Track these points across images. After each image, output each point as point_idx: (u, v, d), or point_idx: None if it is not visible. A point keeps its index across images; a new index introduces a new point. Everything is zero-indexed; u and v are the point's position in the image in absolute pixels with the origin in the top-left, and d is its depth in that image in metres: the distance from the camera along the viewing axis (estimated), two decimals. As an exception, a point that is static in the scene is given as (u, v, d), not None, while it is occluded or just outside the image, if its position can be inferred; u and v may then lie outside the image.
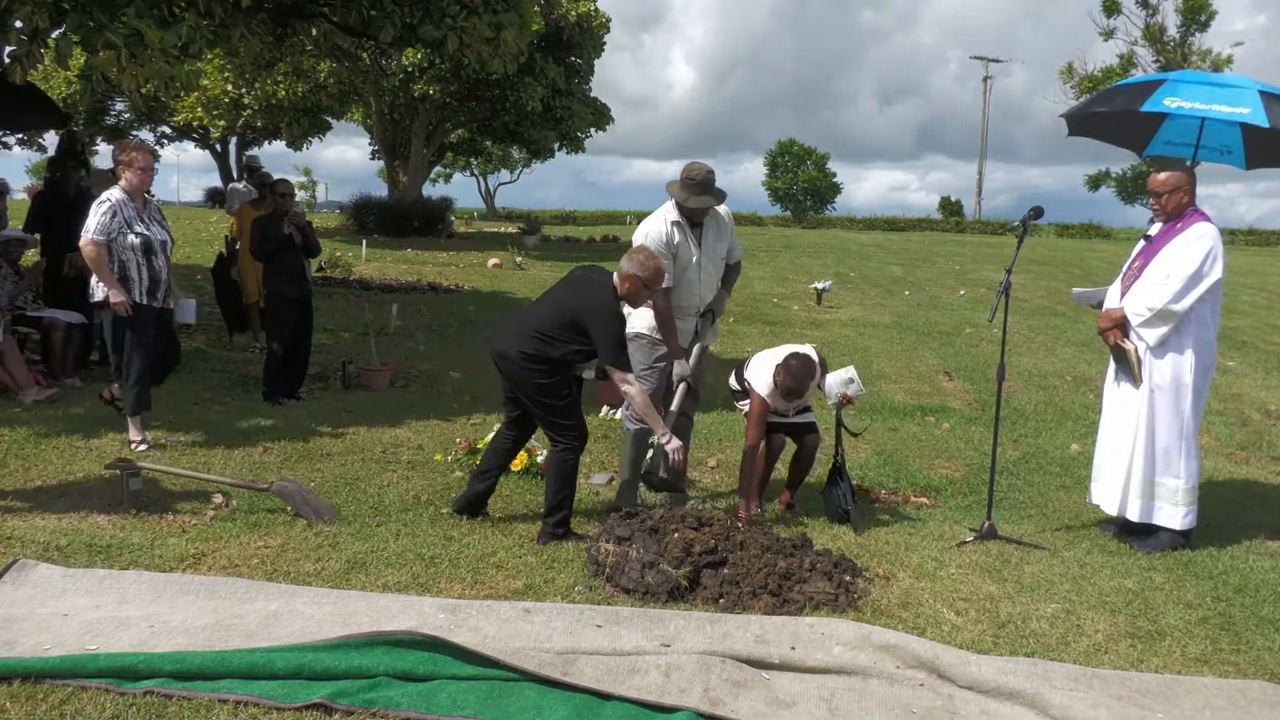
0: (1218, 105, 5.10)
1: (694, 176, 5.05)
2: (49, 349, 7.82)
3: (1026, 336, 13.03)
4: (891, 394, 9.22)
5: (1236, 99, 5.08)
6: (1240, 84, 5.24)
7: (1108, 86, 6.10)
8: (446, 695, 3.09)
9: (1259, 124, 5.02)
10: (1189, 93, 5.21)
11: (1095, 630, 3.89)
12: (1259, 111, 4.98)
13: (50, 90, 25.14)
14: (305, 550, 4.41)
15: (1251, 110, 5.00)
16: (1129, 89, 5.61)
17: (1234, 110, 5.04)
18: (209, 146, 34.98)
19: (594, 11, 26.60)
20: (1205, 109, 5.13)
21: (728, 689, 3.19)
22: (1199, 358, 4.93)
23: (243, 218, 9.45)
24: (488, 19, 9.06)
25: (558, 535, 4.66)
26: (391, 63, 25.58)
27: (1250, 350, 12.65)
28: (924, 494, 5.97)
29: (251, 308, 9.61)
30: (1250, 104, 5.03)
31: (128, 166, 6.08)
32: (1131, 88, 5.60)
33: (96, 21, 6.19)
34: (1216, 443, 7.73)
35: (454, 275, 18.12)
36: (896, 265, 23.86)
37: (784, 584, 4.06)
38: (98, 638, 3.34)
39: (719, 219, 5.29)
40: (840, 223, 48.52)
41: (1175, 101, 5.19)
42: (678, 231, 5.12)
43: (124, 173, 6.07)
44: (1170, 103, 5.20)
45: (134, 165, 6.08)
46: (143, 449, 5.91)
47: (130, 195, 6.04)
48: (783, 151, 68.26)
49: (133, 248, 5.96)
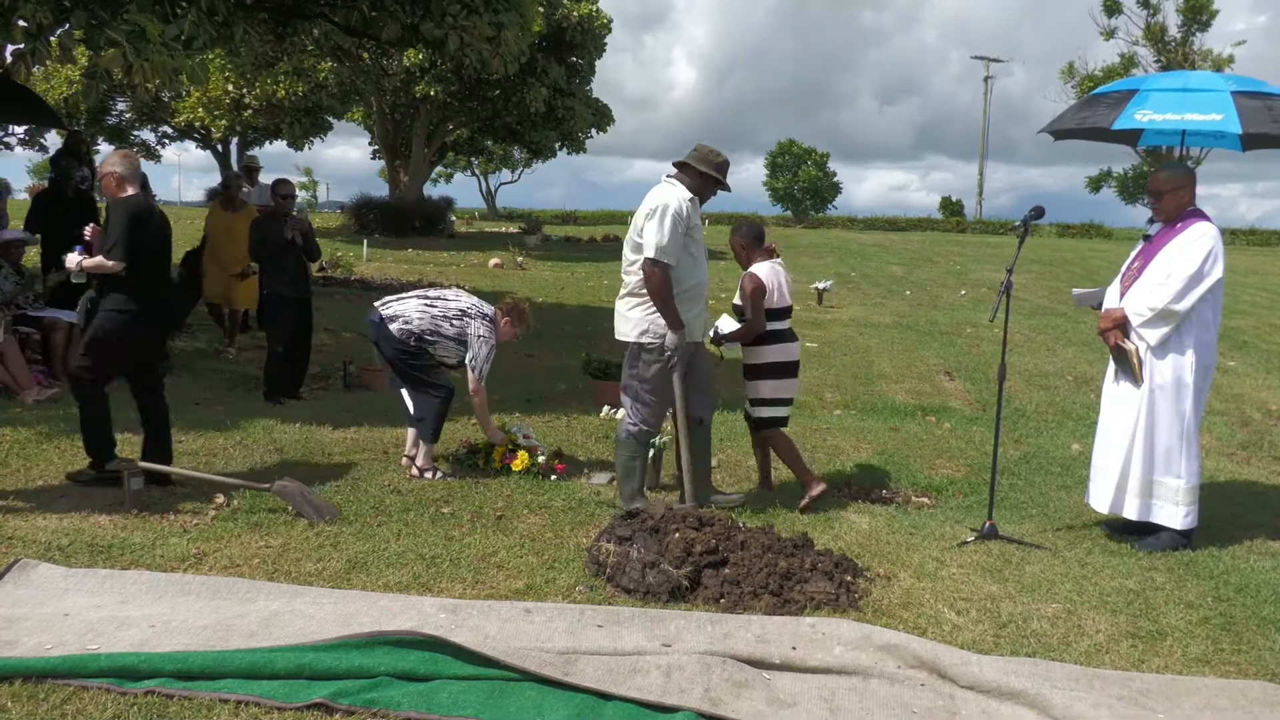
0: (1190, 114, 5.07)
1: (723, 160, 5.08)
2: (50, 349, 7.83)
3: (1027, 336, 13.03)
4: (892, 394, 9.22)
5: (1208, 105, 5.04)
6: (1212, 87, 5.19)
7: (1087, 95, 6.04)
8: (447, 695, 3.09)
9: (1232, 131, 5.00)
10: (1160, 103, 5.16)
11: (1096, 630, 3.89)
12: (1231, 117, 4.94)
13: (51, 90, 25.22)
14: (306, 550, 4.41)
15: (1224, 117, 4.96)
16: (1104, 99, 5.56)
17: (1206, 118, 5.00)
18: (210, 147, 34.97)
19: (595, 12, 26.62)
20: (1178, 120, 5.10)
21: (729, 689, 3.19)
22: (1199, 357, 4.92)
23: (211, 219, 9.42)
24: (489, 19, 9.07)
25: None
26: (392, 63, 25.61)
27: (1251, 350, 12.64)
28: (925, 494, 5.97)
29: (214, 308, 9.56)
30: (1222, 109, 4.98)
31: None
32: (1106, 98, 5.55)
33: (98, 18, 6.20)
34: (1218, 443, 7.72)
35: (455, 275, 18.12)
36: (897, 265, 23.86)
37: (785, 584, 4.06)
38: (99, 637, 3.34)
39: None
40: (841, 223, 48.54)
41: (1147, 115, 5.16)
42: (694, 210, 5.06)
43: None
44: (1142, 116, 5.17)
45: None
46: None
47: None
48: (783, 151, 68.19)
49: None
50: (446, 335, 5.71)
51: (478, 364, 5.69)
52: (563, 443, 6.56)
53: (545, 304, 14.60)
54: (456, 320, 5.74)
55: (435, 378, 5.75)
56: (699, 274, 5.13)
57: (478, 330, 5.72)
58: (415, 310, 5.74)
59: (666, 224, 4.85)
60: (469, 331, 5.71)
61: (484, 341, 5.72)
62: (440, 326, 5.71)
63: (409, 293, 5.99)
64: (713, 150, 5.10)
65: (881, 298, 17.48)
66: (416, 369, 5.73)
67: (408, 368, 5.74)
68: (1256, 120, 4.99)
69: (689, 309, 5.04)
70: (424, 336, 5.69)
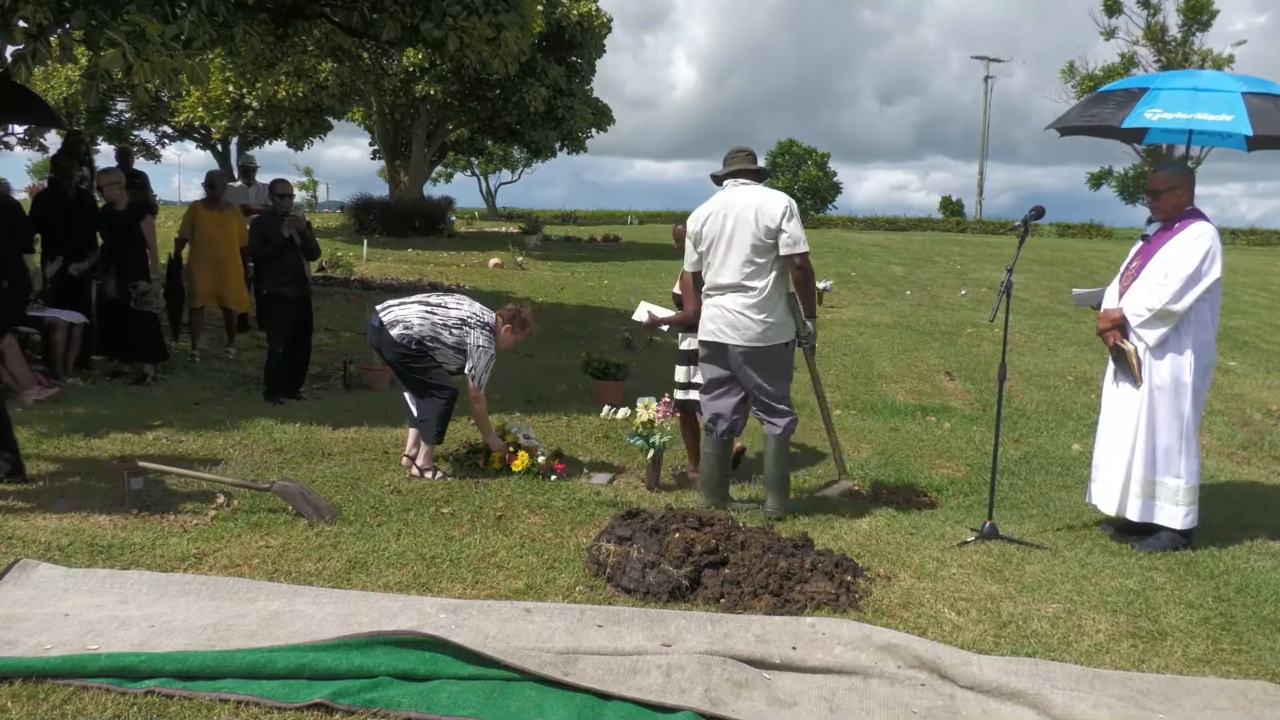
0: (1200, 114, 5.05)
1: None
2: (50, 349, 7.83)
3: (1028, 336, 13.03)
4: (893, 394, 9.22)
5: (1219, 105, 5.03)
6: (1223, 87, 5.17)
7: (1094, 91, 6.02)
8: (447, 695, 3.09)
9: (1242, 132, 4.98)
10: (1171, 102, 5.15)
11: (1097, 630, 3.88)
12: (1242, 119, 4.92)
13: (51, 90, 25.22)
14: (306, 550, 4.41)
15: (1234, 118, 4.94)
16: (1113, 96, 5.55)
17: (1216, 118, 4.99)
18: (210, 147, 34.98)
19: (595, 11, 26.62)
20: (1188, 119, 5.08)
21: (729, 689, 3.19)
22: (1198, 357, 4.92)
23: (195, 217, 9.35)
24: (489, 19, 9.07)
25: None
26: (392, 63, 25.60)
27: (1251, 350, 12.64)
28: (925, 494, 5.96)
29: (197, 313, 9.36)
30: (1233, 110, 4.97)
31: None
32: (1116, 95, 5.54)
33: (99, 19, 6.21)
34: (1218, 443, 7.72)
35: (455, 275, 18.13)
36: (897, 265, 23.87)
37: (785, 584, 4.06)
38: (99, 637, 3.34)
39: None
40: (841, 222, 48.57)
41: (1157, 114, 5.14)
42: None
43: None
44: (1152, 115, 5.16)
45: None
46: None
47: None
48: (783, 151, 68.25)
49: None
50: (446, 343, 5.70)
51: (477, 373, 5.66)
52: (563, 443, 6.56)
53: (545, 304, 14.60)
54: (456, 329, 5.70)
55: (438, 379, 5.73)
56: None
57: (477, 340, 5.67)
58: (416, 316, 5.71)
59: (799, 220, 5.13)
60: (468, 341, 5.68)
61: (483, 351, 5.68)
62: (440, 334, 5.69)
63: (410, 297, 5.96)
64: (734, 153, 5.28)
65: (882, 298, 17.48)
66: (419, 372, 5.71)
67: (410, 371, 5.74)
68: (1268, 122, 4.98)
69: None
70: (424, 342, 5.67)
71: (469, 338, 5.69)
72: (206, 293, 9.25)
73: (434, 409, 5.69)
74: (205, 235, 9.22)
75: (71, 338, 7.91)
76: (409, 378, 5.78)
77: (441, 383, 5.73)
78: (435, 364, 5.74)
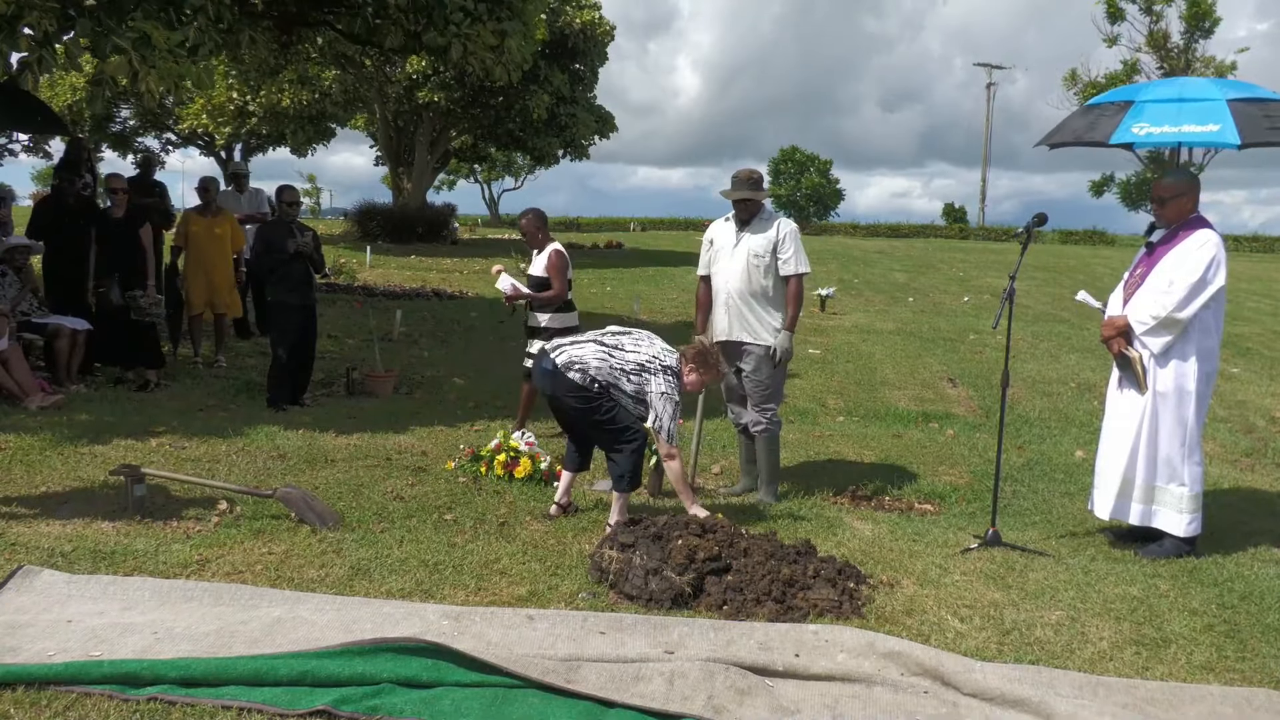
0: (1187, 126, 5.05)
1: (738, 175, 5.76)
2: (54, 355, 7.84)
3: (1030, 343, 13.02)
4: (896, 400, 9.21)
5: (1204, 116, 5.01)
6: (1207, 95, 5.16)
7: (1084, 105, 6.02)
8: (450, 702, 3.09)
9: (1230, 143, 4.97)
10: (1157, 115, 5.15)
11: (1100, 638, 3.88)
12: (1229, 128, 4.92)
13: (56, 97, 25.32)
14: (309, 557, 4.41)
15: (1221, 127, 4.93)
16: (1100, 109, 5.54)
17: (1203, 129, 4.99)
18: (214, 154, 35.12)
19: (598, 19, 26.69)
20: (1174, 132, 5.08)
21: (732, 696, 3.19)
22: (1202, 364, 4.91)
23: (187, 225, 9.34)
24: (492, 26, 9.11)
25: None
26: (396, 70, 25.69)
27: (1255, 357, 12.62)
28: (928, 501, 5.96)
29: (195, 320, 9.35)
30: (1219, 119, 4.96)
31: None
32: (1103, 108, 5.53)
33: (104, 26, 6.23)
34: (1221, 450, 7.71)
35: (458, 282, 18.16)
36: (900, 272, 23.87)
37: (788, 591, 4.06)
38: (102, 644, 3.35)
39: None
40: (843, 229, 48.65)
41: (1144, 128, 5.15)
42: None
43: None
44: (1139, 130, 5.16)
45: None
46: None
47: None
48: (786, 158, 68.35)
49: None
50: (625, 391, 4.96)
51: (663, 425, 4.85)
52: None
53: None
54: (635, 376, 4.94)
55: (624, 421, 4.98)
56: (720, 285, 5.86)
57: (659, 387, 4.89)
58: (593, 356, 4.96)
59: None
60: (649, 389, 4.90)
61: (667, 399, 4.88)
62: (619, 381, 4.95)
63: (583, 335, 5.20)
64: (737, 174, 5.76)
65: (884, 304, 17.48)
66: (606, 420, 4.96)
67: (592, 425, 5.01)
68: (1253, 129, 4.97)
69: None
70: (605, 386, 4.97)
71: (649, 385, 4.91)
72: (200, 300, 9.26)
73: (627, 462, 4.95)
74: (197, 243, 9.24)
75: (75, 344, 7.92)
76: (592, 430, 5.05)
77: (628, 424, 4.97)
78: (618, 405, 4.99)
